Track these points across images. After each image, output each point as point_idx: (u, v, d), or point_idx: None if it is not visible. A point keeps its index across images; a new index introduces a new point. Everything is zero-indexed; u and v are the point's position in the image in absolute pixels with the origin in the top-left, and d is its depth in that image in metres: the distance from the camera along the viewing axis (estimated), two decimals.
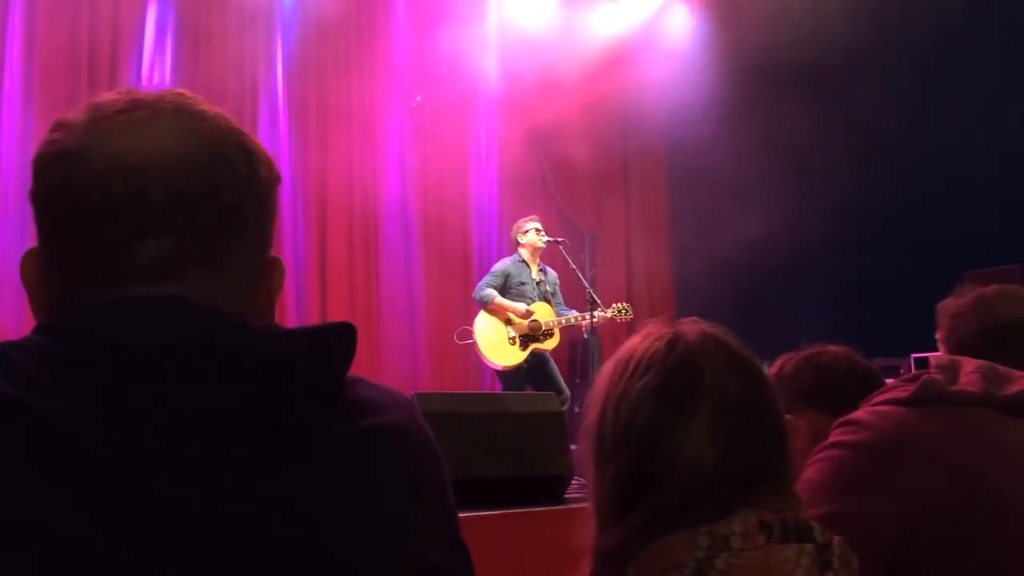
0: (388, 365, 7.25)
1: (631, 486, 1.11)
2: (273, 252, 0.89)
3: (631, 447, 1.11)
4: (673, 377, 1.12)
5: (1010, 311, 1.73)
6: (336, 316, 7.04)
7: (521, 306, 6.02)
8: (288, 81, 7.26)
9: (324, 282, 7.29)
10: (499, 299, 6.02)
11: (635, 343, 1.18)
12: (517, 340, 6.02)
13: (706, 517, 1.05)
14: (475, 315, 6.25)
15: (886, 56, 6.96)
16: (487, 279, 6.16)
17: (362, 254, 7.51)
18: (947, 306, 1.83)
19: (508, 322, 6.02)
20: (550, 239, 6.30)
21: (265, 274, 0.88)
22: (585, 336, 6.35)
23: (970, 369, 1.47)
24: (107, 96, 0.84)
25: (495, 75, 7.96)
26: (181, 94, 0.85)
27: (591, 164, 8.75)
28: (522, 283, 6.14)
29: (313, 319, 6.94)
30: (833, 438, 1.46)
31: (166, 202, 0.79)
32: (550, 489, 3.31)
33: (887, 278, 7.31)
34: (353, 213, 7.50)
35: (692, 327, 1.17)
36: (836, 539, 1.06)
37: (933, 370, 1.48)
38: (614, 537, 1.10)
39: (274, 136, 7.00)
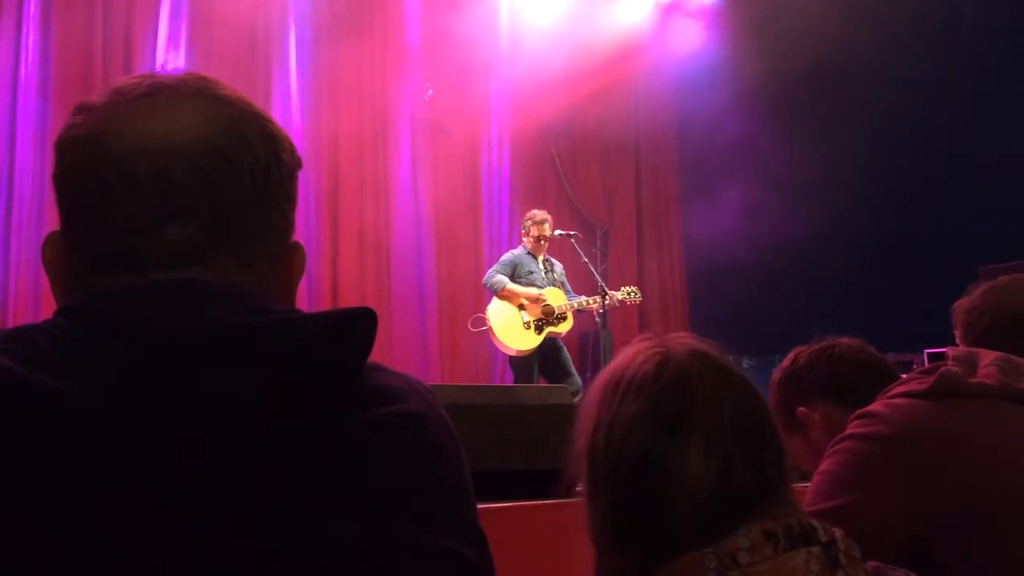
0: (399, 355, 7.26)
1: (627, 513, 1.09)
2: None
3: (624, 473, 1.09)
4: (664, 400, 1.09)
5: (1019, 301, 1.71)
6: (347, 305, 7.05)
7: (533, 290, 6.02)
8: (301, 75, 7.27)
9: (335, 272, 7.31)
10: (511, 285, 6.03)
11: (622, 364, 1.14)
12: (532, 324, 6.02)
13: (708, 537, 1.03)
14: (485, 305, 6.25)
15: (899, 51, 6.93)
16: (496, 267, 6.18)
17: (373, 246, 7.52)
18: (961, 304, 1.82)
19: (521, 307, 6.03)
20: (561, 232, 6.30)
21: (286, 259, 0.88)
22: (597, 320, 6.34)
23: (988, 361, 1.46)
24: (129, 80, 0.84)
25: (507, 68, 7.96)
26: (203, 78, 0.85)
27: (603, 157, 8.75)
28: (531, 272, 6.16)
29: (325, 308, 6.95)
30: (850, 430, 1.45)
31: (189, 187, 0.79)
32: (561, 482, 3.31)
33: (900, 273, 7.28)
34: (365, 204, 7.51)
35: (680, 344, 1.14)
36: (837, 533, 1.05)
37: (950, 362, 1.47)
38: (615, 567, 1.09)
39: (287, 127, 6.98)
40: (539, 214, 6.33)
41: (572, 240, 6.35)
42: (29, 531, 0.66)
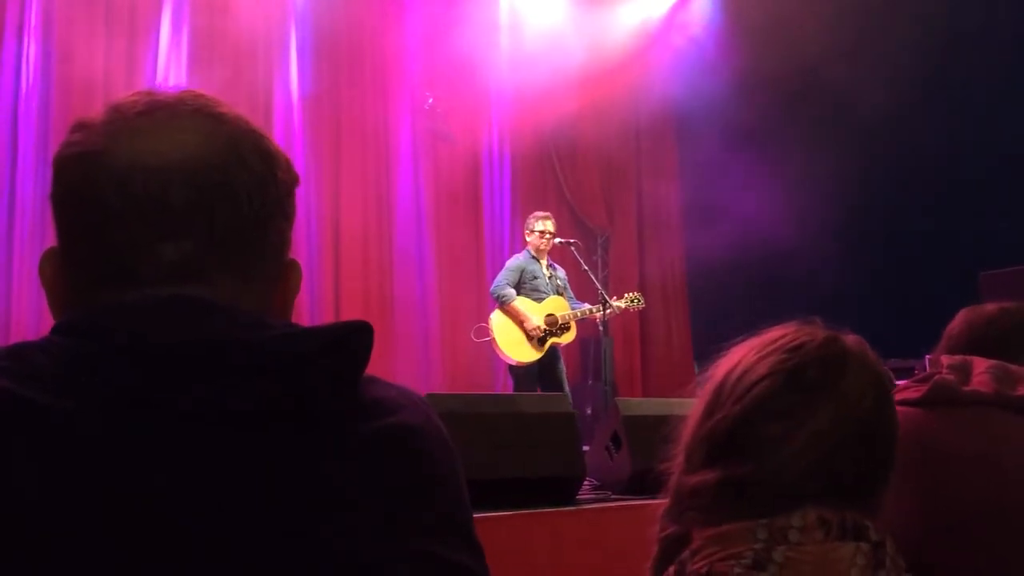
0: (401, 364, 7.27)
1: (728, 439, 1.10)
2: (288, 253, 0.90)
3: (743, 406, 1.10)
4: (815, 366, 1.10)
5: (985, 314, 1.70)
6: (350, 315, 7.07)
7: (534, 318, 6.02)
8: (302, 83, 7.29)
9: (338, 282, 7.32)
10: (516, 302, 6.03)
11: (789, 328, 1.16)
12: (535, 337, 6.03)
13: (769, 509, 1.05)
14: (487, 313, 6.26)
15: (901, 54, 6.93)
16: (504, 276, 6.17)
17: (376, 254, 7.54)
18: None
19: (522, 323, 6.03)
20: (562, 240, 6.31)
21: (283, 276, 0.88)
22: (600, 328, 6.33)
23: (982, 369, 1.46)
24: (127, 97, 0.84)
25: (507, 75, 7.98)
26: (200, 95, 0.86)
27: (603, 164, 8.75)
28: (535, 277, 6.16)
29: (327, 319, 6.97)
30: None
31: (186, 204, 0.80)
32: (561, 490, 3.31)
33: (901, 278, 7.28)
34: (367, 213, 7.53)
35: (855, 339, 1.16)
36: (888, 539, 1.06)
37: (945, 370, 1.48)
38: (695, 481, 1.10)
39: (288, 136, 7.03)
40: (541, 213, 6.37)
41: (572, 248, 6.36)
42: (29, 532, 0.67)
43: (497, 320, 6.08)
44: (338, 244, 7.36)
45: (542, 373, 6.10)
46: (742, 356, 1.15)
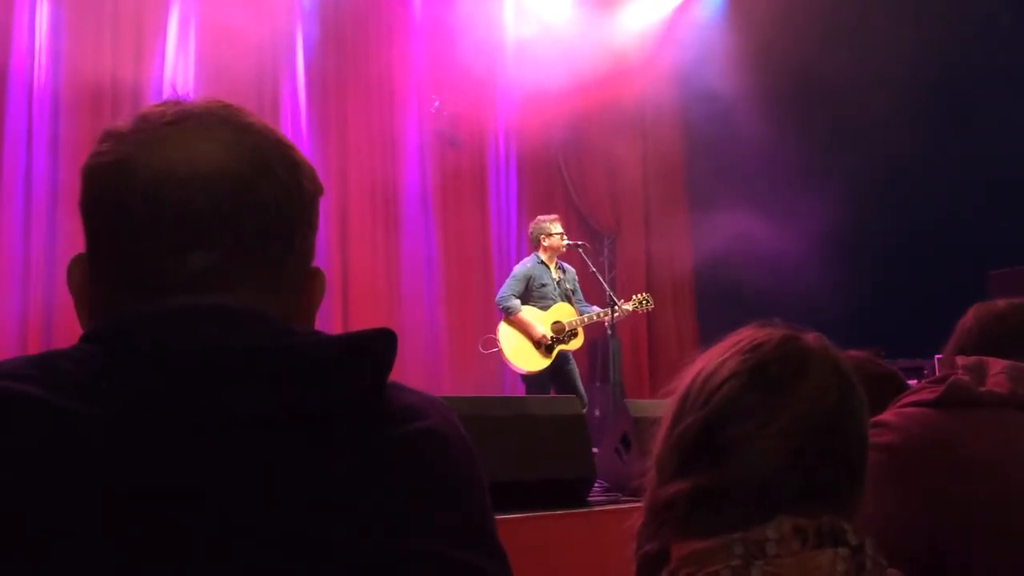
0: (410, 368, 7.27)
1: (696, 445, 1.09)
2: None
3: (708, 411, 1.09)
4: (775, 363, 1.10)
5: (995, 310, 1.71)
6: (358, 320, 7.10)
7: (541, 327, 6.02)
8: (309, 87, 7.30)
9: (346, 286, 7.33)
10: (521, 313, 6.03)
11: (748, 331, 1.16)
12: (542, 345, 6.04)
13: (743, 520, 1.04)
14: (495, 318, 6.26)
15: (906, 53, 6.92)
16: (510, 285, 6.15)
17: (383, 259, 7.55)
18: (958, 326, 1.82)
19: (529, 332, 6.03)
20: (571, 243, 6.31)
21: (307, 284, 0.90)
22: (608, 332, 6.33)
23: (997, 370, 1.46)
24: (155, 107, 0.86)
25: (514, 77, 7.98)
26: (228, 106, 0.87)
27: (610, 166, 8.75)
28: (543, 285, 6.14)
29: (335, 323, 6.99)
30: None
31: (212, 214, 0.81)
32: (572, 492, 3.32)
33: (909, 277, 7.26)
34: (375, 215, 7.54)
35: (814, 335, 1.16)
36: (868, 540, 1.05)
37: (960, 371, 1.48)
38: (669, 492, 1.09)
39: (295, 139, 7.02)
40: (548, 216, 6.36)
41: (580, 250, 6.35)
42: (29, 532, 0.68)
43: (504, 331, 6.09)
44: (345, 247, 7.37)
45: (554, 378, 6.09)
46: (704, 363, 1.15)
